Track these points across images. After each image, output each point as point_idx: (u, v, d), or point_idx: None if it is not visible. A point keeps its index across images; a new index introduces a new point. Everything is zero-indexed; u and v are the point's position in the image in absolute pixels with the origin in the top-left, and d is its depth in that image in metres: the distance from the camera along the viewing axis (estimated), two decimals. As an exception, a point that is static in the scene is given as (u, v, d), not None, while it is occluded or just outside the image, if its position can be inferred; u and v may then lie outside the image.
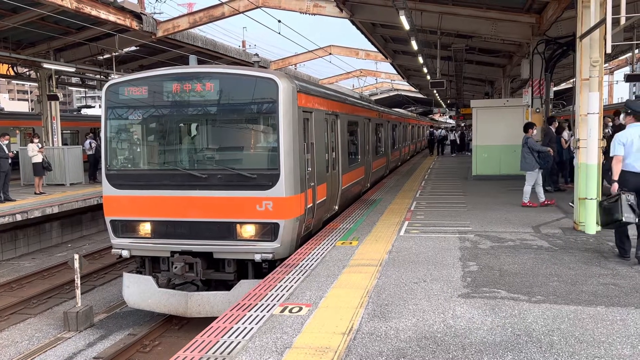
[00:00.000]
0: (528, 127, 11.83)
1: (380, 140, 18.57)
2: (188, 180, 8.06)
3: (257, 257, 7.77)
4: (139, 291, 8.38)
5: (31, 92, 77.92)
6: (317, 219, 9.45)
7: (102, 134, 8.77)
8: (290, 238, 7.99)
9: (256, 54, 11.35)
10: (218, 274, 8.24)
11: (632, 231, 7.19)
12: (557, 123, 13.85)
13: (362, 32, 19.31)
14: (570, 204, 11.78)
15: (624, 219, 6.50)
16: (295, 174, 7.95)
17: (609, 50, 7.31)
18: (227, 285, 8.13)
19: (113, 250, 8.53)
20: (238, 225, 7.93)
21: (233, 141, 8.70)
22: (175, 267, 7.90)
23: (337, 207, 11.20)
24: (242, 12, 18.11)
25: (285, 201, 7.79)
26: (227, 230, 7.95)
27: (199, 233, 8.06)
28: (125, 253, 8.37)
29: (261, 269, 7.93)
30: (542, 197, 11.52)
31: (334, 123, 11.00)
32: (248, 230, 7.94)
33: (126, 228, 8.44)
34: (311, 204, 8.83)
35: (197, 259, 7.97)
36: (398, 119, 24.72)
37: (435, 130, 38.38)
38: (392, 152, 21.81)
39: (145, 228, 8.32)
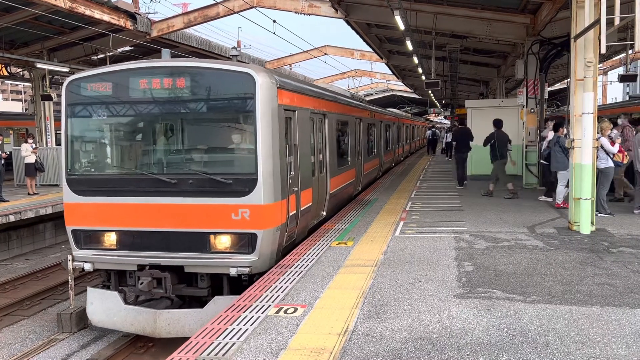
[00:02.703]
0: (559, 126, 11.56)
1: (372, 141, 17.91)
2: (156, 186, 7.37)
3: (233, 272, 7.06)
4: (104, 308, 7.65)
5: (25, 93, 77.56)
6: (301, 227, 8.81)
7: (62, 135, 8.09)
8: (269, 250, 7.34)
9: (234, 48, 10.78)
10: (190, 290, 7.56)
11: None
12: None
13: (357, 33, 19.33)
14: (541, 198, 11.80)
15: None
16: (276, 179, 7.31)
17: (603, 51, 7.34)
18: (202, 302, 7.47)
19: (74, 263, 7.85)
20: (212, 236, 7.25)
21: (206, 143, 7.89)
22: (141, 283, 7.27)
23: (324, 213, 10.59)
24: (237, 12, 18.08)
25: (264, 209, 7.12)
26: (199, 242, 7.27)
27: (168, 244, 7.37)
28: (87, 266, 7.71)
29: (239, 284, 7.32)
30: (561, 198, 11.23)
31: (321, 123, 10.37)
32: (223, 242, 7.26)
33: (89, 239, 7.73)
34: (294, 211, 8.19)
35: (166, 273, 7.33)
36: (391, 118, 24.13)
37: (437, 131, 38.04)
38: (386, 153, 21.13)
39: (110, 239, 7.62)
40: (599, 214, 9.71)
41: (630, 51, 19.73)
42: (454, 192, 14.43)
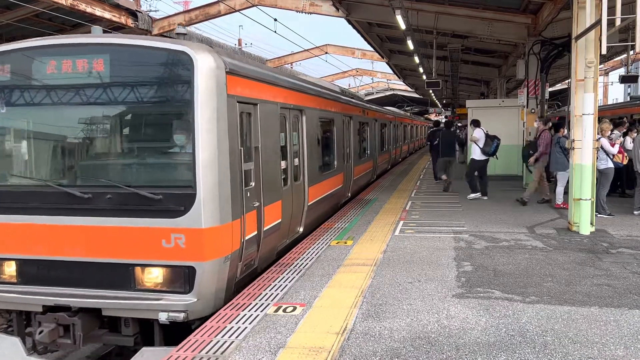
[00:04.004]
0: (559, 126, 11.66)
1: (365, 142, 16.49)
2: (65, 202, 5.65)
3: (163, 317, 5.39)
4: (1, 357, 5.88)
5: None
6: (266, 250, 7.15)
7: None
8: (213, 288, 5.65)
9: (180, 24, 9.37)
10: (113, 337, 5.88)
11: None
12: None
13: (359, 32, 19.30)
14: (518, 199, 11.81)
15: None
16: (223, 193, 5.66)
17: (604, 52, 7.34)
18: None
19: None
20: (137, 269, 5.61)
21: (130, 144, 6.20)
22: (41, 332, 5.48)
23: (301, 229, 8.97)
24: (238, 11, 18.07)
25: (206, 234, 5.46)
26: (121, 276, 5.61)
27: (82, 279, 5.67)
28: None
29: (183, 328, 5.65)
30: (561, 198, 11.24)
31: (296, 120, 8.78)
32: (151, 277, 5.62)
33: None
34: (254, 233, 6.58)
35: (76, 318, 5.56)
36: (388, 117, 22.62)
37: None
38: (380, 154, 19.51)
39: (8, 270, 5.90)
40: (599, 215, 9.72)
41: (631, 52, 19.73)
42: (453, 192, 14.42)
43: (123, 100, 5.86)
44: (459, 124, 42.39)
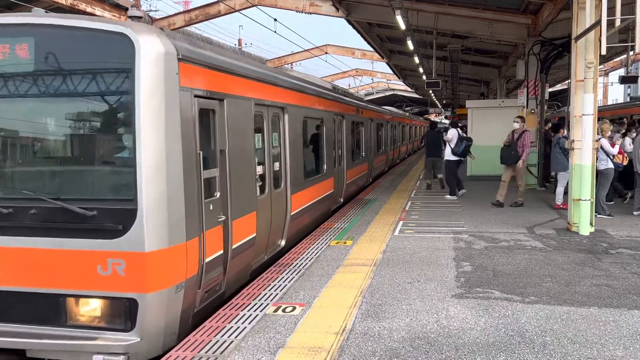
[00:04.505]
0: (559, 127, 11.70)
1: (359, 143, 15.53)
2: None
3: None
4: None
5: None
6: (236, 271, 6.20)
7: None
8: (162, 323, 4.72)
9: (133, 6, 8.88)
10: None
11: None
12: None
13: (358, 32, 19.32)
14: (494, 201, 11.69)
15: None
16: (174, 207, 4.72)
17: (603, 52, 7.34)
18: None
19: None
20: (69, 301, 4.67)
21: (58, 148, 5.15)
22: None
23: (283, 243, 8.08)
24: (238, 11, 18.08)
25: (150, 259, 4.54)
26: (49, 309, 4.69)
27: (2, 312, 4.80)
28: None
29: None
30: (560, 199, 11.23)
31: (277, 119, 7.86)
32: (85, 310, 4.70)
33: None
34: (219, 252, 5.66)
35: None
36: (385, 117, 21.77)
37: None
38: (377, 156, 18.59)
39: None
40: (598, 215, 9.72)
41: (631, 52, 19.74)
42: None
43: (52, 94, 4.86)
44: (460, 124, 42.27)
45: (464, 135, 13.57)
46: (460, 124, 35.57)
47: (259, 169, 7.01)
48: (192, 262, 5.03)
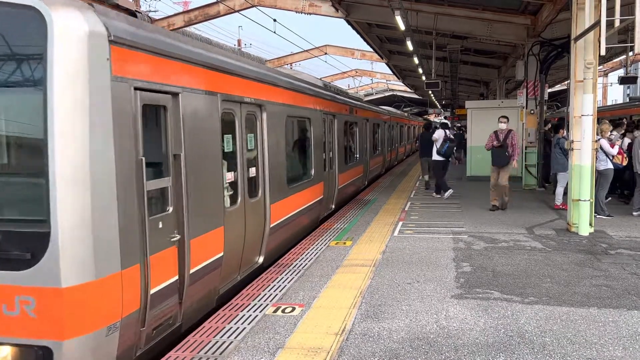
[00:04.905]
0: (559, 127, 11.67)
1: (354, 144, 14.69)
2: None
3: None
4: None
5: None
6: (197, 298, 5.28)
7: None
8: None
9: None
10: None
11: None
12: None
13: (358, 32, 19.30)
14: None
15: None
16: (103, 228, 3.83)
17: (603, 53, 7.35)
18: None
19: None
20: None
21: None
22: None
23: (261, 259, 7.16)
24: (238, 11, 18.07)
25: (68, 296, 3.64)
26: None
27: None
28: None
29: None
30: (560, 199, 11.23)
31: (253, 118, 6.89)
32: None
33: None
34: (173, 278, 4.76)
35: None
36: (382, 117, 21.00)
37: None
38: (373, 158, 17.81)
39: None
40: (598, 216, 9.73)
41: (630, 53, 19.75)
42: (453, 192, 14.42)
43: None
44: (458, 124, 42.48)
45: (451, 136, 13.73)
46: (459, 124, 35.11)
47: (229, 176, 6.08)
48: (131, 295, 4.07)
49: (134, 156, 4.17)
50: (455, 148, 15.33)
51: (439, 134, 13.44)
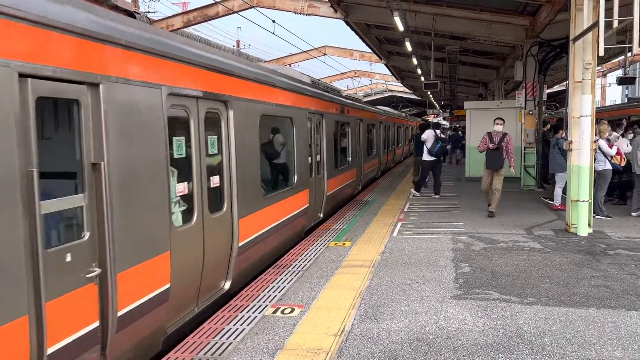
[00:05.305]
0: (558, 128, 11.66)
1: (345, 146, 13.75)
2: None
3: None
4: None
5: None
6: (129, 346, 4.26)
7: None
8: None
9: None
10: None
11: None
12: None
13: (357, 33, 19.32)
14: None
15: None
16: None
17: (601, 53, 7.36)
18: None
19: None
20: None
21: None
22: None
23: (228, 284, 6.10)
24: (237, 12, 18.08)
25: None
26: None
27: None
28: None
29: None
30: (559, 199, 11.24)
31: (216, 117, 5.80)
32: None
33: None
34: (91, 326, 3.76)
35: None
36: (378, 117, 20.18)
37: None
38: (367, 161, 16.91)
39: None
40: (597, 216, 9.74)
41: (629, 53, 19.76)
42: (452, 193, 14.44)
43: None
44: (457, 125, 42.50)
45: (442, 135, 13.80)
46: (457, 125, 34.99)
47: (180, 188, 5.05)
48: (16, 357, 3.12)
49: (18, 168, 3.11)
50: (452, 148, 15.36)
51: (427, 134, 13.45)
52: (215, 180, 5.77)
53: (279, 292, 5.92)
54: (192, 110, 5.26)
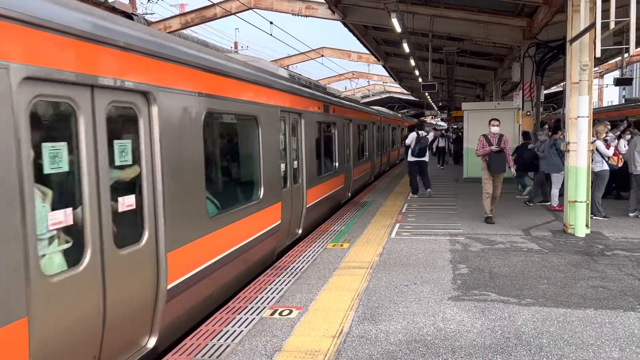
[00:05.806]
0: (557, 128, 11.67)
1: (331, 150, 12.46)
2: None
3: None
4: None
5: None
6: None
7: None
8: None
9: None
10: None
11: None
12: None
13: (354, 35, 19.34)
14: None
15: None
16: None
17: (598, 54, 7.37)
18: None
19: None
20: None
21: None
22: None
23: (153, 341, 4.65)
24: (234, 14, 18.09)
25: None
26: None
27: None
28: None
29: None
30: (556, 200, 11.25)
31: (127, 116, 4.34)
32: None
33: None
34: None
35: None
36: (372, 117, 19.09)
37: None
38: (358, 165, 15.63)
39: None
40: (594, 217, 9.76)
41: (625, 55, 19.82)
42: (450, 194, 14.45)
43: None
44: (454, 126, 42.50)
45: (424, 134, 14.17)
46: (454, 126, 34.93)
47: (57, 217, 3.52)
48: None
49: None
50: (446, 149, 15.41)
51: (411, 137, 13.92)
52: (127, 202, 4.24)
53: (277, 294, 5.92)
54: (81, 105, 3.70)
